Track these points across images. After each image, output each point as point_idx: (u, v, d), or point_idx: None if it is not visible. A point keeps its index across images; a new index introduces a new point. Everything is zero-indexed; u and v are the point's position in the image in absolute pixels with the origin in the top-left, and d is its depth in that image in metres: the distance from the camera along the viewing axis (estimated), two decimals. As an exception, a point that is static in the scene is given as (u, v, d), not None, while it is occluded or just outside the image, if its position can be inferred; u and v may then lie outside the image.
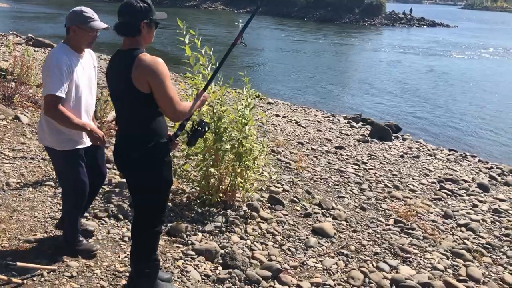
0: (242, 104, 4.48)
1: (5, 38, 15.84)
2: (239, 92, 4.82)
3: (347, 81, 17.10)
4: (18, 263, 3.03)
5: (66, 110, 2.95)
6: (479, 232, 5.00)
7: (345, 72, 19.41)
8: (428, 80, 17.93)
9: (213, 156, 4.38)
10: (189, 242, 3.80)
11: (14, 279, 2.97)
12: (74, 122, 2.99)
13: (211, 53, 4.25)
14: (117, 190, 4.52)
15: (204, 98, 2.96)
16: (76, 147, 3.15)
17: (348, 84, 16.42)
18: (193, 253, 3.64)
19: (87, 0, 61.25)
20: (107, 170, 3.84)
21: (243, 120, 4.36)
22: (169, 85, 2.56)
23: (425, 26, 48.40)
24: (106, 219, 4.01)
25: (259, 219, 4.44)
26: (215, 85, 4.52)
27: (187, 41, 4.02)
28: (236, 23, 38.63)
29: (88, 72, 3.17)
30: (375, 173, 6.67)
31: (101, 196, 4.39)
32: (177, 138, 2.96)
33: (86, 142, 3.20)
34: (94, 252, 3.42)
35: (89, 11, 3.02)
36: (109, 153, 4.93)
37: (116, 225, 3.95)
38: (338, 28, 41.22)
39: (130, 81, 2.51)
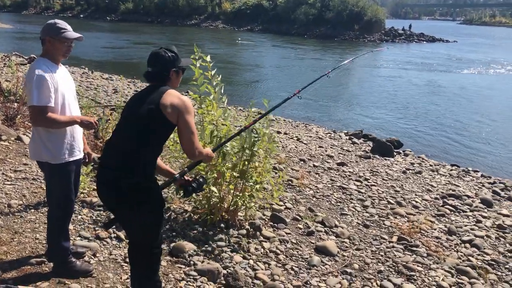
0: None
1: (7, 58, 16.00)
2: (241, 110, 4.84)
3: (348, 97, 17.14)
4: (20, 286, 3.02)
5: (52, 114, 3.02)
6: (484, 249, 4.95)
7: (346, 88, 19.46)
8: (428, 96, 17.97)
9: (215, 174, 4.37)
10: (191, 262, 3.78)
11: (15, 303, 2.95)
12: (63, 120, 3.09)
13: (213, 73, 4.38)
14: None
15: (211, 156, 2.98)
16: (70, 159, 3.19)
17: (349, 100, 16.45)
18: (195, 273, 3.62)
19: (97, 21, 61.91)
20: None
21: (252, 140, 4.34)
22: (193, 121, 2.72)
23: (424, 42, 48.64)
24: (108, 240, 3.99)
25: (261, 238, 4.41)
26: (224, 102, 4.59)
27: (198, 64, 4.29)
28: (237, 41, 39.32)
29: (69, 81, 3.28)
30: (378, 189, 6.65)
31: (103, 216, 4.38)
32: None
33: (77, 154, 3.26)
34: (91, 272, 3.42)
35: (62, 23, 3.14)
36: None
37: (118, 246, 3.93)
38: (338, 44, 41.52)
39: (158, 107, 2.60)
